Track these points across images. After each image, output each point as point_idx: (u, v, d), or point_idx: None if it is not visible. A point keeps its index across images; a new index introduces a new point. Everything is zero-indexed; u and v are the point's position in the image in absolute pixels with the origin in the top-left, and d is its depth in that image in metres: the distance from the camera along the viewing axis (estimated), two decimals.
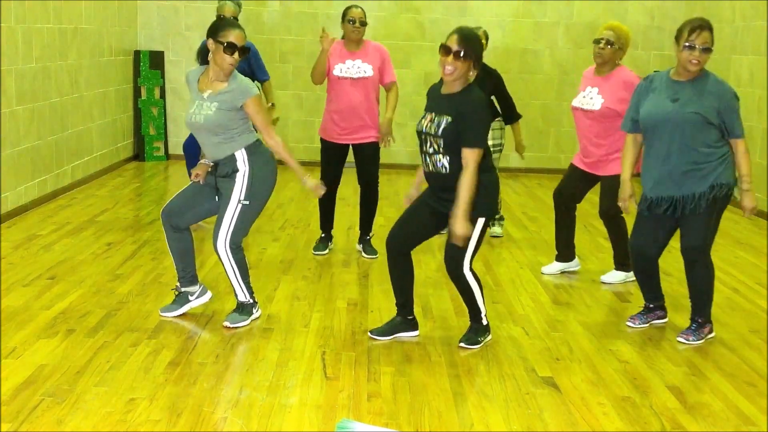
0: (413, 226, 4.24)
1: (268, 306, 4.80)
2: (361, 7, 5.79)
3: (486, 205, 4.06)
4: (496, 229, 6.79)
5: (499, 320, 4.73)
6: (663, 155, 4.29)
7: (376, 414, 3.47)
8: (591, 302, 5.17)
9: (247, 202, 4.25)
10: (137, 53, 9.52)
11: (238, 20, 6.27)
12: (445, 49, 3.93)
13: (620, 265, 5.56)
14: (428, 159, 4.07)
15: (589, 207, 6.02)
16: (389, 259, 4.30)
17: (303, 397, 3.60)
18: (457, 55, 3.90)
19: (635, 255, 4.60)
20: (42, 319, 4.39)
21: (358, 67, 5.73)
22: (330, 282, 5.33)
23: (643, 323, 4.72)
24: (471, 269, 4.13)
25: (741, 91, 8.41)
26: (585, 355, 4.25)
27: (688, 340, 4.48)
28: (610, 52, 5.21)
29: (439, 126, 3.96)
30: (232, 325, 4.38)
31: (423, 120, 4.09)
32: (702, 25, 4.16)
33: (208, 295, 4.66)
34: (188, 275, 4.53)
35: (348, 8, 5.74)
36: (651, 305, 4.77)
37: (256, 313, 4.52)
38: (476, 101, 3.95)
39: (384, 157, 9.84)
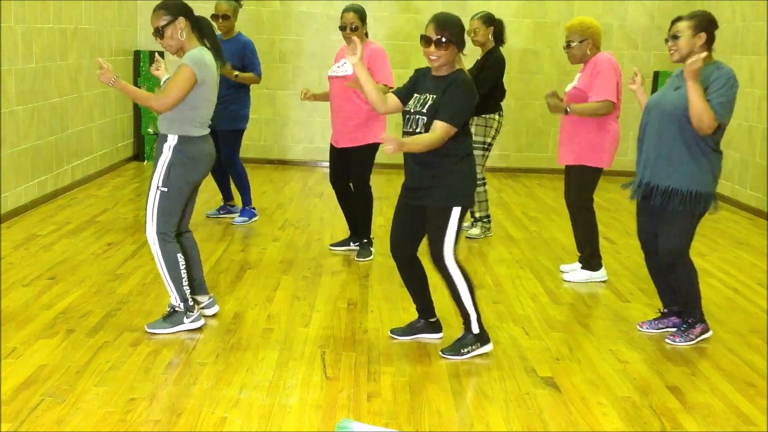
0: (403, 228, 4.19)
1: (268, 306, 4.80)
2: (353, 11, 5.58)
3: (462, 194, 3.98)
4: (473, 231, 6.66)
5: (499, 320, 4.73)
6: (653, 139, 4.28)
7: (376, 414, 3.47)
8: (591, 302, 5.17)
9: (165, 189, 4.13)
10: (137, 53, 9.52)
11: (228, 17, 6.38)
12: (425, 40, 3.92)
13: (584, 262, 5.51)
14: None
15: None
16: (397, 267, 4.27)
17: (303, 397, 3.60)
18: (437, 43, 3.90)
19: (644, 253, 4.59)
20: (42, 319, 4.39)
21: (346, 66, 5.64)
22: (330, 282, 5.33)
23: (653, 329, 4.63)
24: (456, 261, 4.03)
25: (741, 92, 8.44)
26: (585, 355, 4.25)
27: (674, 341, 4.43)
28: (575, 50, 5.28)
29: (425, 104, 3.95)
30: (149, 330, 4.24)
31: (412, 101, 4.04)
32: (678, 18, 4.27)
33: (216, 308, 4.61)
34: (195, 281, 4.51)
35: (341, 13, 5.64)
36: (665, 310, 4.65)
37: (189, 323, 4.25)
38: (461, 82, 3.91)
39: (384, 158, 9.88)
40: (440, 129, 3.83)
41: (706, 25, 4.21)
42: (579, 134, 5.27)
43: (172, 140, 4.14)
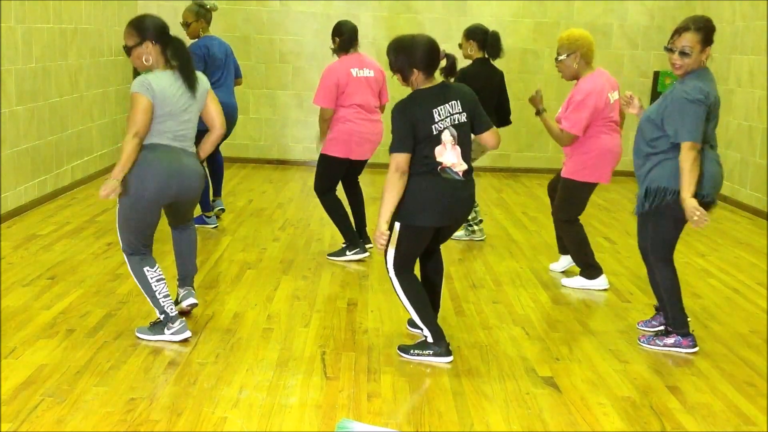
0: None
1: (268, 306, 4.80)
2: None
3: (403, 209, 3.88)
4: (458, 233, 6.54)
5: (499, 320, 4.73)
6: (636, 153, 4.29)
7: (376, 414, 3.47)
8: (591, 302, 5.17)
9: (123, 200, 4.04)
10: None
11: (188, 24, 6.41)
12: None
13: (582, 272, 5.44)
14: None
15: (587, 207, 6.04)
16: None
17: (303, 397, 3.60)
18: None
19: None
20: (42, 319, 4.39)
21: None
22: (330, 282, 5.33)
23: (648, 327, 4.61)
24: (399, 274, 4.00)
25: (741, 91, 8.45)
26: (585, 355, 4.25)
27: (639, 341, 4.41)
28: (563, 65, 5.14)
29: None
30: (137, 333, 4.21)
31: None
32: (685, 27, 4.08)
33: (190, 300, 4.51)
34: (182, 274, 4.51)
35: None
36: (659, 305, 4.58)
37: (169, 334, 4.14)
38: (394, 108, 3.88)
39: (384, 158, 9.86)
40: (391, 162, 3.84)
41: (711, 36, 4.10)
42: (570, 148, 5.23)
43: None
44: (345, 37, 5.72)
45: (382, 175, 9.58)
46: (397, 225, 3.94)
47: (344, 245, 5.90)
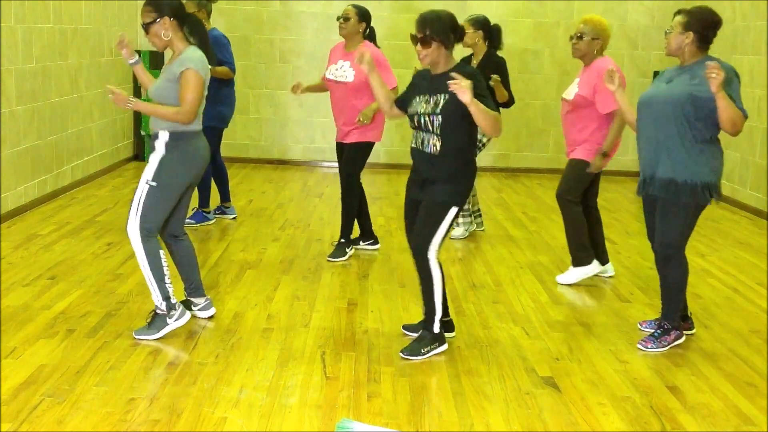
0: (413, 224, 4.23)
1: (268, 306, 4.80)
2: (353, 5, 5.69)
3: (463, 194, 4.08)
4: (456, 231, 6.56)
5: (499, 320, 4.73)
6: (650, 132, 4.25)
7: (376, 414, 3.47)
8: (591, 302, 5.17)
9: (154, 184, 4.06)
10: (137, 53, 9.49)
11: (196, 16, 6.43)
12: (413, 39, 4.03)
13: (574, 260, 5.44)
14: (419, 136, 4.08)
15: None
16: (413, 260, 4.28)
17: (303, 397, 3.60)
18: (422, 41, 3.98)
19: (653, 252, 4.49)
20: (42, 319, 4.39)
21: (345, 71, 5.68)
22: (330, 282, 5.33)
23: (651, 329, 4.59)
24: (437, 258, 4.07)
25: (741, 91, 8.43)
26: (585, 355, 4.25)
27: (646, 347, 4.35)
28: (584, 44, 5.22)
29: (437, 105, 3.96)
30: (137, 336, 4.17)
31: (416, 104, 4.06)
32: (679, 10, 4.28)
33: (212, 311, 4.55)
34: (192, 284, 4.47)
35: None
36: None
37: (173, 322, 4.19)
38: (471, 73, 3.91)
39: (384, 158, 9.89)
40: (493, 113, 3.86)
41: (695, 25, 4.15)
42: (586, 132, 5.24)
43: (164, 136, 4.09)
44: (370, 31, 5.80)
45: (382, 175, 9.54)
46: (454, 210, 4.05)
47: (341, 243, 5.89)
